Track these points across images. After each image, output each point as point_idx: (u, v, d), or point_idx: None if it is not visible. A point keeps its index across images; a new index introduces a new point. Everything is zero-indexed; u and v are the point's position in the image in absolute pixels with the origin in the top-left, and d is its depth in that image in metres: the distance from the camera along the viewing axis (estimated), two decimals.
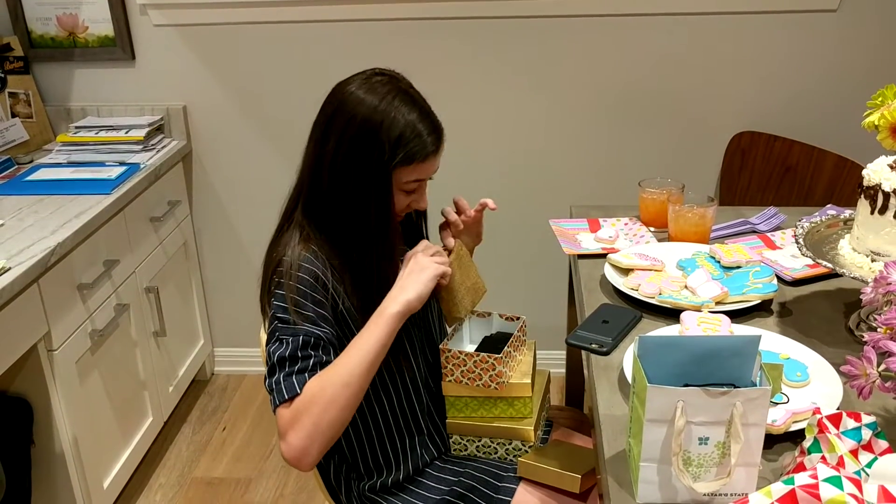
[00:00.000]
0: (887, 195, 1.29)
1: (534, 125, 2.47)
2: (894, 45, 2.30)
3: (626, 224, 1.82)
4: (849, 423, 0.98)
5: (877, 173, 1.32)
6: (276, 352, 1.25)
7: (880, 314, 1.09)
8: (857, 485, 0.83)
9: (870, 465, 0.96)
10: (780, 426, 1.10)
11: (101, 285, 2.05)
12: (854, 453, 0.97)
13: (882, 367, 1.02)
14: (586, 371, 1.37)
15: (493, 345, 1.49)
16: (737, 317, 1.42)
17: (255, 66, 2.46)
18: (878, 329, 1.07)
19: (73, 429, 1.94)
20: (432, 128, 1.32)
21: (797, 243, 1.41)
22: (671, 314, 1.44)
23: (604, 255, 1.63)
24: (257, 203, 2.61)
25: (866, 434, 0.98)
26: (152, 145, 2.43)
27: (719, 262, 1.56)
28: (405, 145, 1.28)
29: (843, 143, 2.27)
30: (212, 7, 2.39)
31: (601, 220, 1.85)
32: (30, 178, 2.23)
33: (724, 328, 1.30)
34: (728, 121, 2.41)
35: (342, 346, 1.29)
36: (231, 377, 2.88)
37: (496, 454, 1.49)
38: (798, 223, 1.48)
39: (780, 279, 1.54)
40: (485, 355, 1.38)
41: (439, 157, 1.35)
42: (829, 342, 1.35)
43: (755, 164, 2.38)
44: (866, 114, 1.40)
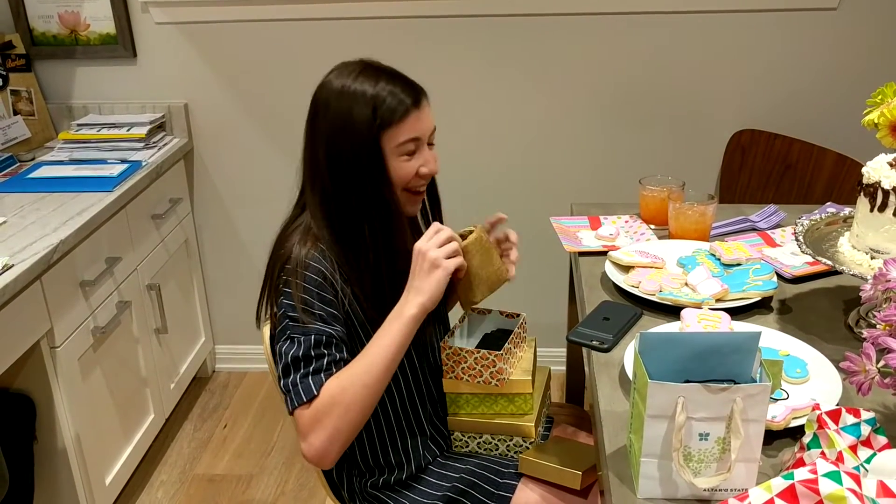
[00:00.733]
0: (887, 193, 1.30)
1: (534, 123, 2.47)
2: (894, 43, 2.30)
3: (626, 222, 1.83)
4: (848, 420, 0.98)
5: (876, 171, 1.33)
6: (289, 351, 1.25)
7: (879, 311, 1.09)
8: (857, 480, 0.83)
9: (869, 461, 0.96)
10: (779, 422, 1.10)
11: (103, 282, 2.05)
12: (853, 449, 0.97)
13: (881, 363, 1.03)
14: (587, 368, 1.37)
15: (494, 341, 1.49)
16: (737, 314, 1.42)
17: (257, 63, 2.47)
18: (878, 326, 1.08)
19: (76, 425, 1.95)
20: (405, 84, 1.33)
21: (797, 241, 1.42)
22: (671, 311, 1.44)
23: (604, 253, 1.64)
24: (258, 200, 2.62)
25: (865, 430, 0.98)
26: (154, 143, 2.43)
27: (719, 259, 1.56)
28: (381, 106, 1.29)
29: (843, 141, 2.28)
30: (213, 5, 2.39)
31: (602, 217, 1.85)
32: (32, 175, 2.24)
33: (724, 325, 1.31)
34: (728, 119, 2.41)
35: (352, 345, 1.30)
36: (232, 374, 2.88)
37: (497, 451, 1.49)
38: (798, 221, 1.48)
39: (779, 276, 1.54)
40: (485, 352, 1.39)
41: (425, 113, 1.34)
42: (828, 339, 1.36)
43: (755, 161, 2.38)
44: (866, 112, 1.40)
